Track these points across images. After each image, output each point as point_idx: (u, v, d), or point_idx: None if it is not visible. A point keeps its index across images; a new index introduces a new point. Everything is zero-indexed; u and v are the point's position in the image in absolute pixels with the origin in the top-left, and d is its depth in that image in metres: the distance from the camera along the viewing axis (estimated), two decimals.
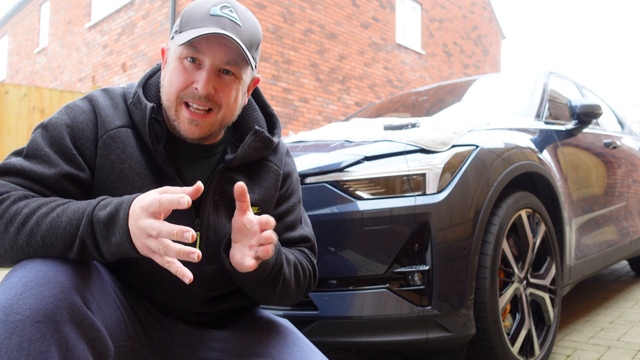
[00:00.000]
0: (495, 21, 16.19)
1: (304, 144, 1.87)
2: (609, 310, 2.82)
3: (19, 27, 15.02)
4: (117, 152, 0.99)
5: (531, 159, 1.95)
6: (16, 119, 6.62)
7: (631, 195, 3.14)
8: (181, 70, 0.99)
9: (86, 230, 0.85)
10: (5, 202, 0.87)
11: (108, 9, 10.84)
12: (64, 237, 0.85)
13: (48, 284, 0.78)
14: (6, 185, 0.90)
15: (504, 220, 1.70)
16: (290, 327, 1.17)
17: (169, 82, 1.01)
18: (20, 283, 0.78)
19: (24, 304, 0.76)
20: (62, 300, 0.77)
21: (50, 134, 0.97)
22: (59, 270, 0.81)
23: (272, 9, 9.24)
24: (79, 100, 1.03)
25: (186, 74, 0.99)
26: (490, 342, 1.60)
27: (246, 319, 1.18)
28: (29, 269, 0.81)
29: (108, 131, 0.99)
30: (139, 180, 0.99)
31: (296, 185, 1.23)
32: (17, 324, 0.74)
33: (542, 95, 2.64)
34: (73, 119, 0.99)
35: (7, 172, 0.92)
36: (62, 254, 0.85)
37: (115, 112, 1.02)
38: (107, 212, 0.85)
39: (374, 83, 11.47)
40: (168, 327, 1.05)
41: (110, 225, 0.84)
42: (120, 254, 0.86)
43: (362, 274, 1.50)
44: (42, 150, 0.95)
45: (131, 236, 0.82)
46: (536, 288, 1.91)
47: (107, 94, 1.06)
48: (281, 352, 1.05)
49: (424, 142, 1.63)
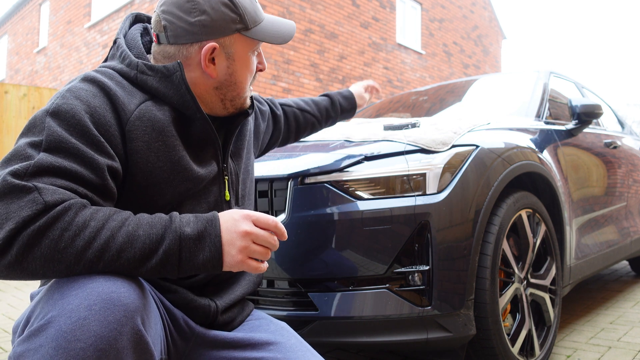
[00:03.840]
0: (496, 21, 16.19)
1: (304, 144, 1.87)
2: (610, 310, 2.81)
3: (19, 27, 15.02)
4: (148, 131, 0.95)
5: (531, 159, 1.95)
6: (16, 118, 6.62)
7: (631, 195, 3.14)
8: (253, 62, 1.11)
9: (173, 246, 0.84)
10: (68, 213, 0.79)
11: (108, 9, 10.85)
12: (143, 251, 0.82)
13: (112, 308, 0.74)
14: (59, 192, 0.81)
15: (504, 220, 1.70)
16: (291, 330, 1.18)
17: (246, 78, 1.10)
18: (83, 306, 0.73)
19: (88, 330, 0.72)
20: (124, 326, 0.74)
21: (69, 123, 0.87)
22: (122, 292, 0.77)
23: (272, 9, 9.23)
24: (80, 83, 0.93)
25: (255, 63, 1.12)
26: (490, 342, 1.60)
27: (252, 320, 1.19)
28: (90, 289, 0.76)
29: (132, 112, 0.95)
30: (175, 155, 0.98)
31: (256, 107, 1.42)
32: (78, 352, 0.70)
33: (543, 95, 2.64)
34: (87, 103, 0.90)
35: (45, 172, 0.82)
36: (134, 270, 0.82)
37: (124, 90, 0.97)
38: (195, 229, 0.87)
39: None
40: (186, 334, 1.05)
41: (200, 242, 0.86)
42: (197, 271, 0.88)
43: (362, 274, 1.49)
44: (69, 142, 0.85)
45: (223, 252, 0.88)
46: (536, 288, 1.91)
47: (103, 74, 0.98)
48: (288, 357, 1.06)
49: (424, 142, 1.62)
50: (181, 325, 1.03)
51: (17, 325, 0.89)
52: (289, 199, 1.58)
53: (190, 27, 1.00)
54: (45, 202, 0.78)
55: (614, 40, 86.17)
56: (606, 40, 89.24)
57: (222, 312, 1.10)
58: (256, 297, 1.65)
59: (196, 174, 1.02)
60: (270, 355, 1.06)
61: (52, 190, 0.80)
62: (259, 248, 0.91)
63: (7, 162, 0.83)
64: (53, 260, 0.78)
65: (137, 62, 1.00)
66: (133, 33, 1.09)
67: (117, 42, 1.06)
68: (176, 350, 1.02)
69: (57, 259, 0.78)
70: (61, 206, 0.79)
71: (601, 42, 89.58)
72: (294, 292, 1.58)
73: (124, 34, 1.09)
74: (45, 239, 0.77)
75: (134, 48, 1.05)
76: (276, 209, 1.63)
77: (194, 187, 1.03)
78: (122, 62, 1.02)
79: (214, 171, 1.07)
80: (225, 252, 0.88)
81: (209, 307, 1.07)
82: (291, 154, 1.77)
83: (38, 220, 0.77)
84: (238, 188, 1.16)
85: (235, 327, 1.15)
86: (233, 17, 1.01)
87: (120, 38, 1.06)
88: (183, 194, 1.01)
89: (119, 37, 1.07)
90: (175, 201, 1.01)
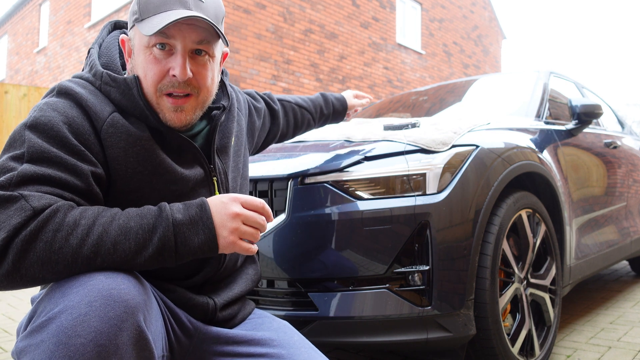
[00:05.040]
0: (496, 21, 16.19)
1: (304, 144, 1.87)
2: (610, 310, 2.81)
3: (19, 27, 15.02)
4: (124, 137, 0.95)
5: (531, 159, 1.95)
6: (16, 118, 6.62)
7: (631, 195, 3.14)
8: (152, 60, 0.97)
9: (167, 233, 0.85)
10: (57, 215, 0.80)
11: (108, 9, 10.85)
12: (137, 242, 0.83)
13: (113, 305, 0.75)
14: (45, 197, 0.82)
15: (504, 220, 1.70)
16: (293, 328, 1.19)
17: (142, 75, 0.98)
18: (84, 302, 0.74)
19: (88, 326, 0.73)
20: (125, 322, 0.75)
21: (48, 134, 0.88)
22: (122, 288, 0.78)
23: (272, 9, 9.23)
24: (53, 99, 0.94)
25: (159, 63, 0.97)
26: (490, 342, 1.60)
27: (254, 318, 1.20)
28: (91, 285, 0.77)
29: (105, 120, 0.94)
30: (156, 158, 0.98)
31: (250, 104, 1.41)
32: (78, 348, 0.71)
33: (543, 95, 2.64)
34: (64, 114, 0.91)
35: (29, 181, 0.83)
36: (131, 261, 0.83)
37: (97, 99, 0.97)
38: (186, 215, 0.88)
39: (374, 83, 11.46)
40: (189, 331, 1.05)
41: (193, 227, 0.88)
42: (194, 256, 0.89)
43: (362, 274, 1.49)
44: (51, 152, 0.86)
45: (216, 234, 0.89)
46: (536, 288, 1.91)
47: (76, 83, 0.98)
48: (291, 353, 1.07)
49: (424, 142, 1.62)
50: (184, 322, 1.03)
51: (20, 325, 0.91)
52: (289, 199, 1.58)
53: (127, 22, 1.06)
54: (33, 207, 0.80)
55: (614, 40, 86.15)
56: (606, 40, 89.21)
57: (221, 309, 1.11)
58: (256, 297, 1.65)
59: (180, 175, 1.02)
60: (274, 351, 1.06)
61: (38, 196, 0.81)
62: (249, 229, 0.93)
63: None
64: (50, 262, 0.79)
65: (101, 72, 1.00)
66: (109, 41, 1.10)
67: (90, 51, 1.07)
68: (180, 347, 1.03)
69: (54, 260, 0.79)
70: (49, 209, 0.81)
71: (601, 42, 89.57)
72: (293, 292, 1.58)
73: (99, 43, 1.09)
74: (39, 243, 0.78)
75: (104, 56, 1.06)
76: (276, 209, 1.63)
77: (180, 189, 1.03)
78: (90, 71, 1.02)
79: (200, 173, 1.07)
80: (218, 234, 0.90)
81: (207, 304, 1.08)
82: (291, 153, 1.77)
83: (28, 225, 0.78)
84: (228, 186, 1.16)
85: (236, 324, 1.15)
86: (134, 8, 1.00)
87: (93, 48, 1.07)
88: (168, 197, 1.00)
89: (92, 47, 1.08)
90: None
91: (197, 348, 1.06)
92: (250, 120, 1.39)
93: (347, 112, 1.85)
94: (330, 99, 1.77)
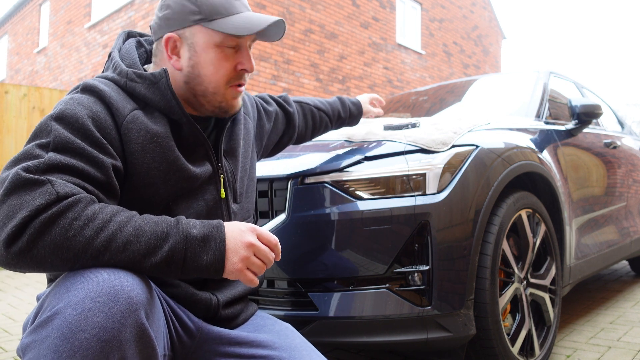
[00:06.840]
0: (496, 21, 16.19)
1: (304, 144, 1.87)
2: (609, 310, 2.81)
3: (19, 27, 15.02)
4: (142, 133, 1.00)
5: (531, 159, 1.95)
6: (16, 118, 6.62)
7: (631, 195, 3.14)
8: (224, 57, 1.07)
9: (179, 245, 0.87)
10: (79, 204, 0.84)
11: (108, 9, 10.84)
12: (148, 246, 0.85)
13: (116, 301, 0.77)
14: (70, 186, 0.85)
15: (504, 220, 1.70)
16: (295, 331, 1.20)
17: (212, 72, 1.07)
18: (88, 298, 0.76)
19: (92, 321, 0.74)
20: (128, 318, 0.77)
21: (74, 126, 0.92)
22: (126, 285, 0.79)
23: (272, 9, 9.23)
24: (78, 95, 0.99)
25: (230, 60, 1.08)
26: (490, 342, 1.60)
27: (256, 320, 1.21)
28: (95, 282, 0.78)
29: (126, 116, 0.99)
30: (170, 155, 1.02)
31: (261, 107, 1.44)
32: (82, 343, 0.73)
33: (542, 95, 2.64)
34: (89, 108, 0.95)
35: (55, 169, 0.87)
36: (137, 264, 0.85)
37: (119, 96, 1.02)
38: (201, 231, 0.90)
39: (374, 83, 11.46)
40: (191, 331, 1.06)
41: (205, 244, 0.89)
42: (199, 274, 0.90)
43: (362, 274, 1.50)
44: (75, 143, 0.90)
45: (225, 258, 0.91)
46: (536, 288, 1.91)
47: (100, 82, 1.03)
48: (293, 356, 1.07)
49: (424, 142, 1.62)
50: (186, 322, 1.04)
51: (26, 322, 0.92)
52: (289, 199, 1.58)
53: (160, 21, 1.09)
54: (58, 193, 0.83)
55: (614, 40, 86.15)
56: (606, 40, 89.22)
57: (224, 307, 1.12)
58: (256, 297, 1.66)
59: (192, 173, 1.06)
60: (275, 353, 1.07)
61: (63, 183, 0.85)
62: (258, 261, 0.95)
63: (16, 161, 0.87)
64: (62, 248, 0.81)
65: (127, 70, 1.05)
66: (127, 46, 1.16)
67: (111, 55, 1.13)
68: (182, 347, 1.04)
69: (65, 247, 0.81)
70: (72, 198, 0.84)
71: (601, 42, 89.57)
72: (293, 292, 1.58)
73: (118, 49, 1.15)
74: (56, 227, 0.81)
75: (126, 59, 1.12)
76: (276, 209, 1.63)
77: (189, 186, 1.07)
78: (114, 71, 1.08)
79: (208, 170, 1.11)
80: (227, 258, 0.92)
81: (210, 300, 1.09)
82: (291, 153, 1.77)
83: (50, 209, 0.82)
84: (235, 186, 1.19)
85: (239, 325, 1.16)
86: (192, 8, 1.05)
87: (114, 51, 1.14)
88: (178, 192, 1.05)
89: (113, 51, 1.14)
90: (171, 198, 1.04)
91: (199, 348, 1.06)
92: (259, 123, 1.42)
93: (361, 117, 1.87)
94: (348, 103, 1.78)
